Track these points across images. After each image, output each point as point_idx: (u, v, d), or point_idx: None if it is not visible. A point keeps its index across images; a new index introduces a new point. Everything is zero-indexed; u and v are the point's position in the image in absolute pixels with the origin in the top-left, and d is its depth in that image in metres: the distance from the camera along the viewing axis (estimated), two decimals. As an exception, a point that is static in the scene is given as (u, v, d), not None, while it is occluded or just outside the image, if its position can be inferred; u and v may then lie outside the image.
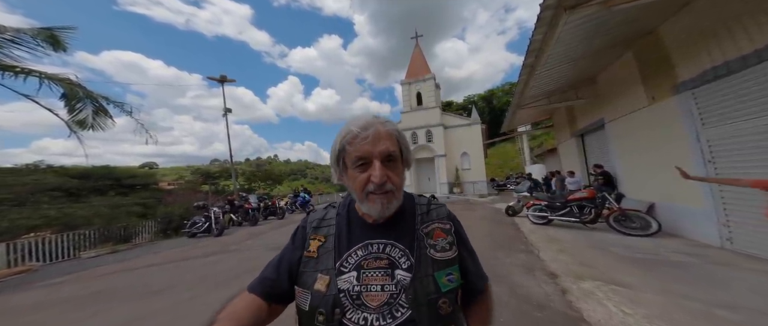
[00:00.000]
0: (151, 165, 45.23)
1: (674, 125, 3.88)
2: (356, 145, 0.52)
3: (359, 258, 0.55)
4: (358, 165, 0.53)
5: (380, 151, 0.52)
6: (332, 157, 0.57)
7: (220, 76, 13.85)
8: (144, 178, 16.28)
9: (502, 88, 42.01)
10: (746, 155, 3.00)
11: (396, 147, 0.55)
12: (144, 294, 3.26)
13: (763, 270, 2.59)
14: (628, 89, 4.84)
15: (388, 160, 0.54)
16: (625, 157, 5.38)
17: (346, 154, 0.54)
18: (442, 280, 0.53)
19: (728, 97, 3.10)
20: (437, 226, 0.59)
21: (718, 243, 3.41)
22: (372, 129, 0.53)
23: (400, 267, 0.53)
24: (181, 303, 2.90)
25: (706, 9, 3.15)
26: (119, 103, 6.69)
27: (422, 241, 0.56)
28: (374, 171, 0.52)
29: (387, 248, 0.55)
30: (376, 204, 0.53)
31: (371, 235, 0.57)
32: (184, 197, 10.51)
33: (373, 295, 0.51)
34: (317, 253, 0.56)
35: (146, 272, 4.38)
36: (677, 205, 4.08)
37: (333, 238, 0.58)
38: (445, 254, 0.56)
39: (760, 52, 2.66)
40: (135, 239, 7.56)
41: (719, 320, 1.81)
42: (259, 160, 65.98)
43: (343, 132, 0.55)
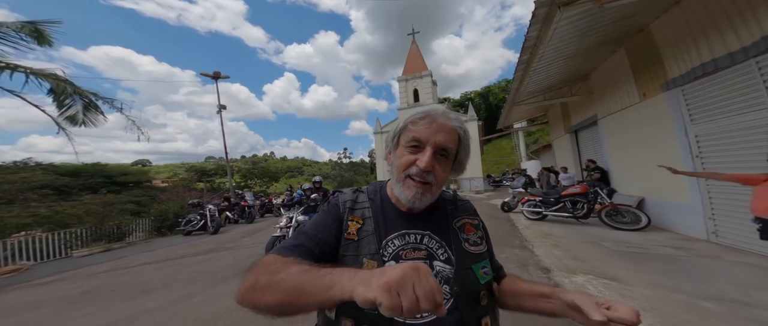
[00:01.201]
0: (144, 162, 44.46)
1: (664, 121, 3.95)
2: (418, 126, 0.52)
3: (397, 247, 0.54)
4: (410, 146, 0.53)
5: (437, 141, 0.51)
6: (391, 133, 0.58)
7: (214, 72, 13.63)
8: (137, 176, 16.04)
9: (499, 84, 42.17)
10: (732, 151, 3.08)
11: (455, 144, 0.54)
12: (138, 292, 3.23)
13: (746, 263, 2.68)
14: (620, 86, 4.90)
15: (441, 154, 0.53)
16: (617, 153, 5.48)
17: (405, 131, 0.54)
18: (479, 273, 0.54)
19: (715, 94, 3.17)
20: (467, 221, 0.60)
21: (704, 236, 3.51)
22: (439, 117, 0.53)
23: (438, 258, 0.53)
24: (176, 301, 2.89)
25: (696, 6, 3.20)
26: (109, 99, 6.55)
27: (457, 235, 0.57)
28: (423, 156, 0.51)
29: (424, 239, 0.55)
30: (411, 190, 0.52)
31: (407, 225, 0.56)
32: (179, 195, 10.38)
33: None
34: (358, 236, 0.54)
35: (140, 270, 4.34)
36: (665, 200, 4.18)
37: (371, 222, 0.56)
38: (477, 248, 0.57)
39: (746, 50, 2.72)
40: (128, 237, 7.47)
41: (704, 311, 1.88)
42: (256, 157, 65.37)
43: (410, 113, 0.55)
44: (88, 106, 6.00)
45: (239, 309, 2.61)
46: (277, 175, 30.16)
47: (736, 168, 3.00)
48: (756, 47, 2.63)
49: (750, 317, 1.79)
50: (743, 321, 1.76)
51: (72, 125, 5.97)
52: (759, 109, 2.73)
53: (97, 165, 15.07)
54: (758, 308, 1.88)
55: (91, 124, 6.07)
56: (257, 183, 24.07)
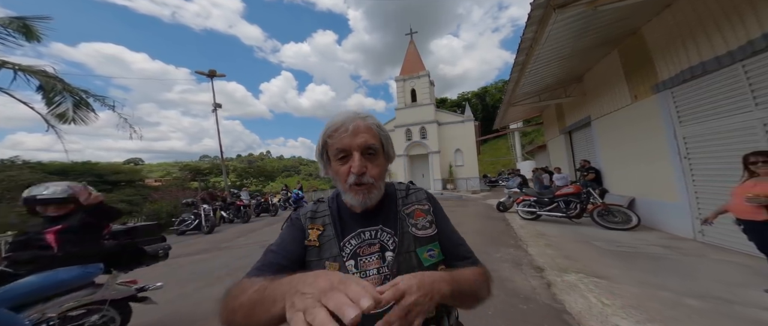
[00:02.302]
0: (137, 161, 43.64)
1: (654, 123, 4.03)
2: (336, 138, 0.55)
3: (354, 246, 0.57)
4: (339, 158, 0.56)
5: (359, 144, 0.54)
6: (316, 152, 0.60)
7: (209, 70, 13.45)
8: (129, 175, 15.71)
9: (495, 85, 42.48)
10: (718, 152, 3.17)
11: (376, 140, 0.57)
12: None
13: (729, 261, 2.77)
14: (613, 87, 4.99)
15: (369, 153, 0.56)
16: (609, 153, 5.58)
17: (328, 147, 0.57)
18: (424, 256, 0.56)
19: (703, 97, 3.25)
20: (417, 207, 0.62)
21: (690, 235, 3.61)
22: (351, 123, 0.55)
23: (389, 249, 0.57)
24: (169, 302, 2.86)
25: (685, 9, 3.27)
26: (100, 96, 6.41)
27: (404, 221, 0.60)
28: (353, 162, 0.54)
29: (378, 233, 0.59)
30: (358, 195, 0.56)
31: (362, 224, 0.60)
32: (172, 194, 10.23)
33: (370, 279, 0.54)
34: (319, 242, 0.58)
35: (133, 271, 4.29)
36: (655, 200, 4.28)
37: (330, 227, 0.60)
38: (425, 232, 0.59)
39: (732, 54, 2.80)
40: (121, 238, 7.33)
41: (688, 308, 1.93)
42: (251, 156, 64.74)
43: (325, 127, 0.57)
44: (79, 103, 5.87)
45: None
46: (274, 175, 29.89)
47: (722, 169, 3.09)
48: (742, 51, 2.70)
49: (731, 314, 1.85)
50: (725, 317, 1.82)
51: (61, 123, 5.83)
52: (744, 112, 2.81)
53: (87, 164, 14.73)
54: (739, 305, 1.94)
55: (81, 121, 5.94)
56: (253, 183, 23.85)
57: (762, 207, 1.85)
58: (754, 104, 2.72)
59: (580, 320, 1.89)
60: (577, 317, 1.95)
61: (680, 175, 3.66)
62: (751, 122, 2.76)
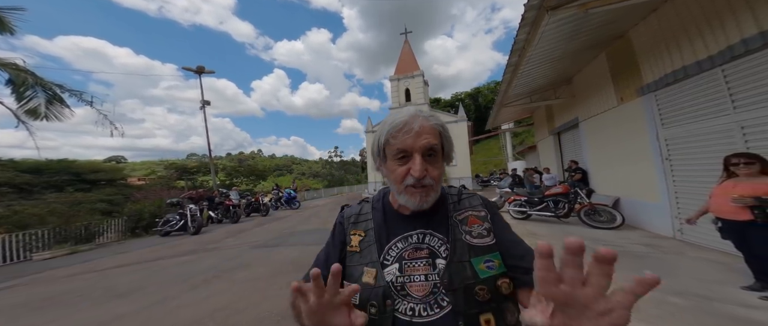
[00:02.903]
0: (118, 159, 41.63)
1: (638, 125, 4.15)
2: (399, 138, 0.53)
3: (400, 250, 0.56)
4: (398, 158, 0.54)
5: (421, 145, 0.53)
6: (374, 147, 0.59)
7: (197, 66, 13.02)
8: (110, 173, 15.02)
9: (488, 86, 43.14)
10: (696, 154, 3.28)
11: (438, 141, 0.56)
12: (108, 297, 3.03)
13: (706, 258, 2.88)
14: (600, 90, 5.11)
15: (429, 154, 0.54)
16: (596, 154, 5.72)
17: (388, 146, 0.56)
18: (480, 266, 0.52)
19: (684, 100, 3.36)
20: (471, 213, 0.59)
21: (670, 234, 3.74)
22: (416, 123, 0.54)
23: (440, 256, 0.54)
24: (152, 306, 2.73)
25: (670, 14, 3.36)
26: (77, 91, 6.07)
27: (456, 228, 0.57)
28: (414, 165, 0.52)
29: (426, 238, 0.56)
30: (415, 197, 0.54)
31: (409, 227, 0.58)
32: (157, 193, 9.84)
33: (417, 286, 0.52)
34: (359, 247, 0.58)
35: (111, 274, 4.08)
36: (638, 200, 4.41)
37: (372, 232, 0.59)
38: (482, 240, 0.55)
39: (713, 59, 2.89)
40: (98, 239, 6.99)
41: (671, 306, 1.99)
42: (242, 155, 63.20)
43: (387, 124, 0.56)
44: (52, 98, 5.52)
45: (221, 312, 2.49)
46: (265, 174, 29.30)
47: (700, 170, 3.20)
48: (721, 56, 2.80)
49: (711, 311, 1.91)
50: (705, 314, 1.87)
51: (33, 119, 5.48)
52: (723, 115, 2.92)
53: (63, 162, 13.93)
54: (718, 302, 2.01)
55: (54, 117, 5.60)
56: (244, 182, 23.31)
57: (745, 207, 1.91)
58: (732, 107, 2.83)
59: None
60: None
61: (662, 176, 3.78)
62: (729, 125, 2.86)
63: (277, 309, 2.46)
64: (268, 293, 2.88)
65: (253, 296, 2.83)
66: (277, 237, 5.99)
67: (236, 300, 2.74)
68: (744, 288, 2.14)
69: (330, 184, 34.31)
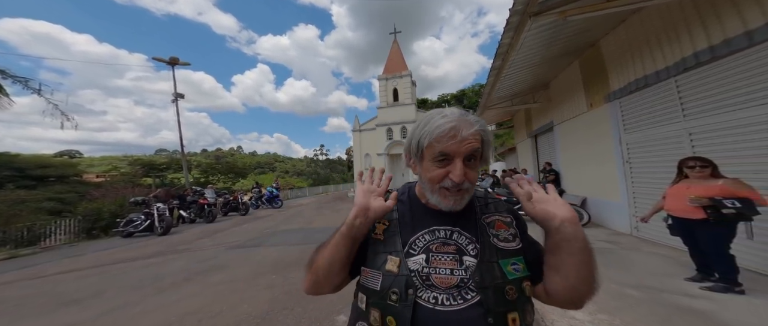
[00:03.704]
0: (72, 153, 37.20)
1: (604, 129, 4.46)
2: (443, 142, 0.53)
3: (427, 242, 0.57)
4: (438, 160, 0.54)
5: (465, 150, 0.53)
6: (412, 145, 0.58)
7: (171, 58, 12.03)
8: (60, 169, 13.42)
9: (473, 88, 44.39)
10: (652, 157, 3.58)
11: (480, 145, 0.56)
12: (55, 305, 2.71)
13: (658, 253, 3.17)
14: (573, 95, 5.44)
15: (469, 159, 0.55)
16: (567, 157, 6.09)
17: (430, 148, 0.55)
18: (508, 268, 0.54)
19: (644, 107, 3.65)
20: (498, 218, 0.61)
21: (628, 231, 4.07)
22: (464, 129, 0.53)
23: (468, 253, 0.55)
24: (110, 312, 2.47)
25: (636, 26, 3.62)
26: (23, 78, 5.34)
27: (485, 230, 0.58)
28: (455, 170, 0.53)
29: (454, 235, 0.58)
30: (448, 199, 0.55)
31: (437, 222, 0.59)
32: (118, 191, 8.97)
33: (442, 278, 0.53)
34: (383, 236, 0.59)
35: (59, 279, 3.65)
36: (602, 199, 4.77)
37: (396, 222, 0.60)
38: (508, 244, 0.58)
39: (668, 69, 3.17)
40: (45, 241, 6.22)
41: (629, 298, 2.15)
42: (220, 152, 59.64)
43: (430, 124, 0.55)
44: None
45: (192, 316, 2.31)
46: (245, 171, 27.93)
47: (655, 172, 3.51)
48: (676, 68, 3.07)
49: (662, 301, 2.09)
50: (657, 305, 2.04)
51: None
52: (675, 122, 3.21)
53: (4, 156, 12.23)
54: (668, 293, 2.20)
55: None
56: (221, 180, 22.03)
57: (700, 207, 2.08)
58: (682, 115, 3.12)
59: (544, 314, 2.01)
60: (540, 311, 2.07)
61: (622, 177, 4.11)
62: (679, 131, 3.16)
63: (257, 311, 2.33)
64: (247, 294, 2.72)
65: (230, 298, 2.66)
66: (257, 237, 5.72)
67: (210, 303, 2.56)
68: (688, 279, 2.37)
69: (315, 183, 33.55)
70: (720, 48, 2.58)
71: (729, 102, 2.62)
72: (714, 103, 2.75)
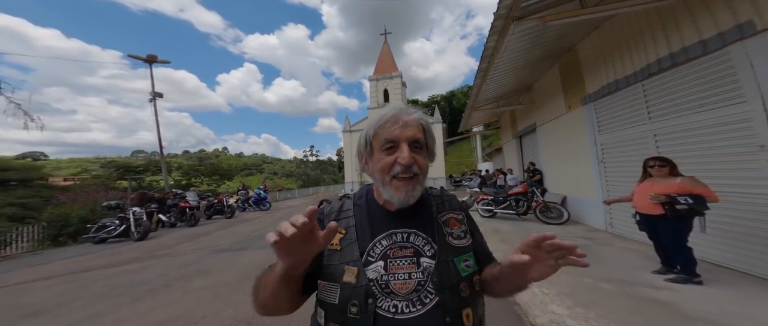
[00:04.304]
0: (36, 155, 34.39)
1: (580, 130, 4.69)
2: (386, 129, 0.56)
3: (384, 247, 0.56)
4: (386, 148, 0.56)
5: (408, 136, 0.55)
6: (361, 142, 0.60)
7: (148, 55, 11.48)
8: (22, 172, 12.45)
9: (461, 90, 45.37)
10: (623, 157, 3.81)
11: (422, 135, 0.58)
12: (15, 318, 2.53)
13: (629, 248, 3.36)
14: (553, 98, 5.68)
15: (415, 147, 0.56)
16: (549, 157, 6.35)
17: (376, 137, 0.57)
18: (461, 266, 0.56)
19: (615, 110, 3.88)
20: (452, 216, 0.63)
21: (603, 227, 4.30)
22: (403, 115, 0.57)
23: (424, 255, 0.55)
24: (78, 323, 2.34)
25: (609, 32, 3.84)
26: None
27: (441, 229, 0.59)
28: (402, 153, 0.54)
29: (411, 237, 0.57)
30: (400, 191, 0.55)
31: (394, 225, 0.58)
32: (89, 195, 8.41)
33: (400, 283, 0.52)
34: (340, 245, 0.57)
35: (22, 289, 3.41)
36: (580, 197, 5.00)
37: (354, 229, 0.58)
38: (461, 241, 0.59)
39: (636, 74, 3.39)
40: (4, 249, 5.74)
41: (602, 292, 2.28)
42: (203, 153, 57.20)
43: (374, 118, 0.58)
44: None
45: (171, 324, 2.23)
46: (231, 173, 27.03)
47: (626, 171, 3.72)
48: (642, 73, 3.29)
49: (631, 294, 2.22)
50: (627, 297, 2.17)
51: None
52: (641, 124, 3.43)
53: (-42, 157, 11.16)
54: (637, 285, 2.35)
55: None
56: (204, 182, 21.18)
57: (659, 203, 2.25)
58: (648, 118, 3.34)
59: (527, 309, 2.09)
60: (524, 307, 2.15)
61: (597, 176, 4.34)
62: (645, 133, 3.38)
63: (243, 316, 2.27)
64: (232, 299, 2.65)
65: (213, 303, 2.58)
66: (243, 240, 5.55)
67: (191, 310, 2.47)
68: (654, 272, 2.54)
69: (305, 184, 32.91)
70: (678, 55, 2.80)
71: (688, 105, 2.83)
72: (675, 106, 2.97)
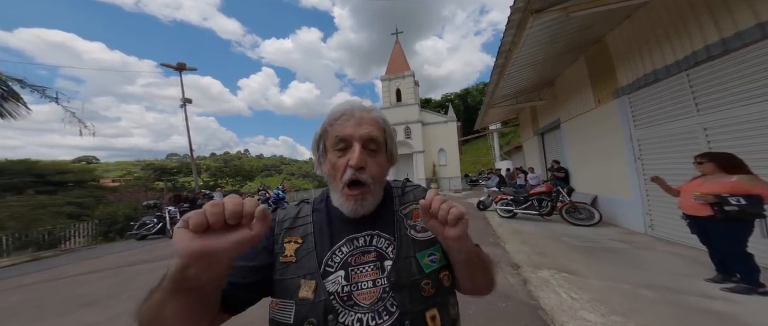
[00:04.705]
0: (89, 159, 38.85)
1: (613, 126, 4.36)
2: (338, 126, 0.50)
3: (345, 254, 0.50)
4: (337, 148, 0.50)
5: (362, 135, 0.49)
6: (314, 142, 0.54)
7: (178, 63, 12.41)
8: (78, 174, 14.05)
9: (477, 87, 44.05)
10: (665, 153, 3.48)
11: (380, 134, 0.52)
12: (74, 306, 2.80)
13: (674, 252, 3.06)
14: (580, 92, 5.33)
15: (370, 148, 0.50)
16: (576, 154, 5.97)
17: (327, 135, 0.51)
18: (424, 261, 0.50)
19: (654, 102, 3.56)
20: (415, 207, 0.56)
21: (642, 229, 3.94)
22: (357, 112, 0.51)
23: (388, 257, 0.50)
24: (122, 314, 2.53)
25: (643, 20, 3.54)
26: (40, 87, 5.60)
27: (402, 222, 0.54)
28: (353, 154, 0.48)
29: (374, 239, 0.51)
30: (349, 201, 0.49)
31: (354, 228, 0.52)
32: (132, 195, 9.29)
33: (365, 293, 0.47)
34: (296, 257, 0.50)
35: (79, 281, 3.78)
36: (614, 197, 4.64)
37: (312, 237, 0.52)
38: (425, 234, 0.52)
39: (679, 63, 3.08)
40: (65, 244, 6.49)
41: (642, 299, 2.08)
42: (228, 155, 60.90)
43: (327, 116, 0.52)
44: (6, 94, 5.04)
45: None
46: (252, 174, 28.46)
47: (669, 168, 3.40)
48: (687, 61, 2.98)
49: (678, 302, 2.01)
50: (674, 306, 1.97)
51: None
52: (688, 117, 3.12)
53: (24, 162, 12.87)
54: (685, 294, 2.12)
55: (9, 116, 5.12)
56: (229, 183, 22.51)
57: (707, 204, 2.03)
58: (696, 110, 3.02)
59: (553, 315, 1.96)
60: (550, 313, 2.01)
61: (634, 174, 3.99)
62: (693, 127, 3.06)
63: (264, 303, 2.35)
64: None
65: None
66: (263, 239, 5.82)
67: None
68: (707, 280, 2.28)
69: (320, 184, 33.72)
70: (732, 41, 2.51)
71: (745, 95, 2.53)
72: (729, 96, 2.66)
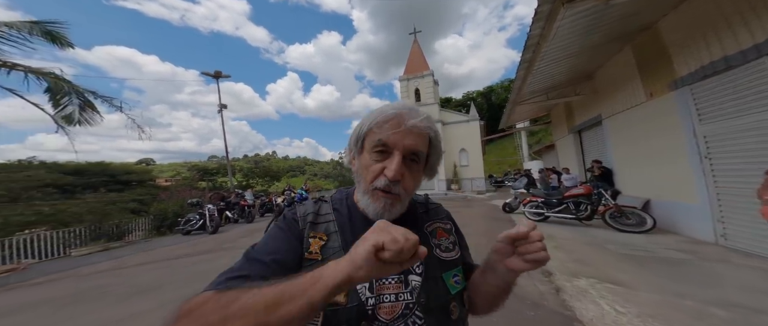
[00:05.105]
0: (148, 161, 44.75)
1: (671, 121, 3.84)
2: (384, 129, 0.46)
3: None
4: (376, 151, 0.47)
5: (406, 145, 0.46)
6: (353, 136, 0.51)
7: (215, 71, 13.73)
8: (140, 175, 16.23)
9: (501, 84, 41.84)
10: (741, 151, 2.98)
11: (425, 147, 0.49)
12: (131, 294, 3.21)
13: (757, 267, 2.58)
14: (626, 85, 4.79)
15: (411, 159, 0.47)
16: (622, 153, 5.37)
17: (371, 134, 0.48)
18: (450, 282, 0.49)
19: (726, 93, 3.07)
20: (439, 226, 0.56)
21: (712, 239, 3.41)
22: (408, 119, 0.46)
23: (413, 271, 0.47)
24: (167, 303, 2.85)
25: (706, 2, 3.09)
26: (109, 97, 6.57)
27: (428, 241, 0.52)
28: (391, 164, 0.45)
29: None
30: (379, 201, 0.47)
31: None
32: (180, 194, 10.42)
33: (387, 307, 0.44)
34: (322, 255, 0.47)
35: (136, 271, 4.33)
36: (672, 201, 4.07)
37: (337, 236, 0.49)
38: (449, 254, 0.52)
39: (759, 47, 2.61)
40: (128, 236, 7.50)
41: (713, 318, 1.80)
42: (258, 157, 65.53)
43: (375, 112, 0.49)
44: (85, 104, 6.02)
45: None
46: (279, 175, 30.23)
47: (746, 168, 2.90)
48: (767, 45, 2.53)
49: (759, 323, 1.71)
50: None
51: (69, 124, 5.99)
52: (772, 109, 2.63)
53: (100, 164, 15.24)
54: (766, 314, 1.80)
55: (86, 122, 6.09)
56: (259, 183, 24.19)
57: None
58: (783, 100, 2.54)
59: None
60: (588, 325, 1.83)
61: (700, 175, 3.46)
62: (780, 119, 2.58)
63: None
64: None
65: None
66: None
67: None
68: (803, 302, 1.89)
69: (341, 184, 34.69)
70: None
71: None
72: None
